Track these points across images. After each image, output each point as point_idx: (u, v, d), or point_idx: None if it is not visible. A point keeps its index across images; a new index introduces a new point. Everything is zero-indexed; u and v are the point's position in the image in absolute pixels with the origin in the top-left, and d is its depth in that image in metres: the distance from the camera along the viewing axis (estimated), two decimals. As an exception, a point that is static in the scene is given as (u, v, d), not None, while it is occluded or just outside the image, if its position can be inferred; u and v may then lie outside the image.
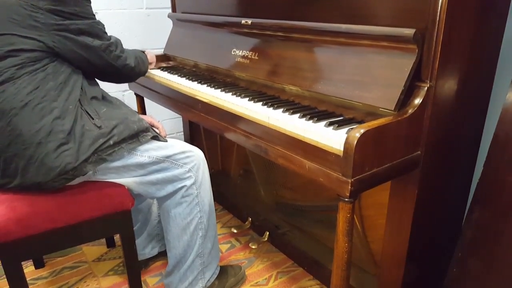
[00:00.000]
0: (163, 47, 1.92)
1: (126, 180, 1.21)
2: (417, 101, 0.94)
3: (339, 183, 0.86)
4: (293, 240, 1.61)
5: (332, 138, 0.89)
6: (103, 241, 1.76)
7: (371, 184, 0.91)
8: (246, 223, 1.79)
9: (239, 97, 1.26)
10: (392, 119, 0.90)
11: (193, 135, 2.14)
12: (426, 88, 0.94)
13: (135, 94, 1.90)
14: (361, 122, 1.00)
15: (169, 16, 1.91)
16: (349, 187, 0.84)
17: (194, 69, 1.74)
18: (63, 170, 1.03)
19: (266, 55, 1.34)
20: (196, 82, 1.48)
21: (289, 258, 1.66)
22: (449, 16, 0.88)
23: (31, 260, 1.62)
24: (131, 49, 1.37)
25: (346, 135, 0.84)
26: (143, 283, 1.48)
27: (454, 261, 1.17)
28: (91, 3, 1.13)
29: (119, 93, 2.10)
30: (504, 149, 1.05)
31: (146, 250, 1.59)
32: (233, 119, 1.19)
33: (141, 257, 1.55)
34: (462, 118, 1.09)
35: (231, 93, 1.30)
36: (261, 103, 1.19)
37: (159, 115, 2.09)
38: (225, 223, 1.94)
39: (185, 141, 2.13)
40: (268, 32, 1.34)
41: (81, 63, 1.14)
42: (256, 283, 1.54)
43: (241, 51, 1.43)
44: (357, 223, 1.26)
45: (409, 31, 0.91)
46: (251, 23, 1.38)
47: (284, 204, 1.62)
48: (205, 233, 1.33)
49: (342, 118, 1.04)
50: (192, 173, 1.25)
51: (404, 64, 0.93)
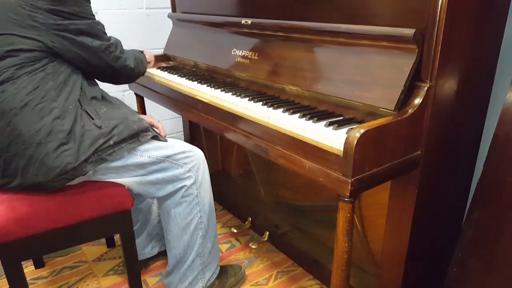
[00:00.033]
0: (163, 47, 1.92)
1: (126, 180, 1.21)
2: (417, 101, 0.94)
3: (339, 183, 0.86)
4: (293, 240, 1.61)
5: (332, 138, 0.90)
6: (103, 241, 1.76)
7: (371, 184, 0.91)
8: (246, 223, 1.79)
9: (239, 97, 1.26)
10: (392, 119, 0.90)
11: (193, 135, 2.14)
12: (426, 88, 0.94)
13: (135, 94, 1.90)
14: (361, 122, 1.00)
15: (169, 16, 1.91)
16: (349, 187, 0.84)
17: (194, 69, 1.74)
18: (63, 170, 1.03)
19: (266, 55, 1.34)
20: (196, 82, 1.48)
21: (289, 258, 1.66)
22: (449, 16, 0.88)
23: (31, 260, 1.62)
24: (130, 50, 1.36)
25: (346, 135, 0.85)
26: (143, 283, 1.48)
27: (454, 261, 1.17)
28: (90, 3, 1.13)
29: (119, 93, 2.10)
30: (504, 149, 1.05)
31: (146, 250, 1.59)
32: (233, 119, 1.19)
33: (141, 257, 1.55)
34: (462, 118, 1.09)
35: (231, 93, 1.30)
36: (261, 103, 1.19)
37: (159, 115, 2.09)
38: (225, 223, 1.94)
39: (185, 141, 2.13)
40: (268, 32, 1.34)
41: (80, 63, 1.13)
42: (256, 283, 1.54)
43: (241, 51, 1.43)
44: (357, 223, 1.26)
45: (409, 31, 0.91)
46: (251, 23, 1.38)
47: (284, 204, 1.61)
48: (205, 233, 1.33)
49: (342, 118, 1.04)
50: (192, 173, 1.25)
51: (404, 64, 0.93)
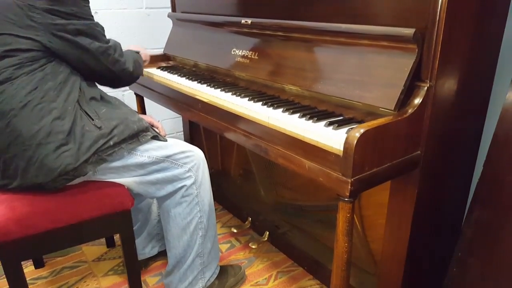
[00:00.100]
0: (163, 47, 1.92)
1: (126, 180, 1.21)
2: (417, 101, 0.94)
3: (339, 183, 0.86)
4: (293, 240, 1.61)
5: (332, 138, 0.89)
6: (103, 241, 1.76)
7: (371, 184, 0.91)
8: (246, 223, 1.79)
9: (239, 97, 1.26)
10: (392, 119, 0.90)
11: (193, 135, 2.14)
12: (426, 88, 0.94)
13: (135, 94, 1.90)
14: (361, 122, 1.00)
15: (169, 16, 1.91)
16: (349, 187, 0.84)
17: (194, 68, 1.74)
18: (63, 170, 1.03)
19: (266, 54, 1.34)
20: (196, 82, 1.48)
21: (289, 258, 1.66)
22: (449, 16, 0.88)
23: (31, 260, 1.62)
24: (126, 50, 1.34)
25: (346, 135, 0.84)
26: (143, 283, 1.48)
27: (454, 261, 1.17)
28: (89, 3, 1.12)
29: (119, 93, 2.10)
30: (504, 149, 1.05)
31: (146, 250, 1.59)
32: (233, 119, 1.19)
33: (141, 257, 1.55)
34: (462, 118, 1.09)
35: (231, 93, 1.30)
36: (261, 103, 1.19)
37: (159, 115, 2.09)
38: (225, 223, 1.94)
39: (185, 141, 2.14)
40: (268, 32, 1.34)
41: (78, 64, 1.13)
42: (256, 283, 1.54)
43: (241, 51, 1.43)
44: (357, 223, 1.26)
45: (409, 31, 0.90)
46: (251, 22, 1.38)
47: (284, 204, 1.61)
48: (205, 233, 1.33)
49: (342, 118, 1.04)
50: (192, 173, 1.25)
51: (404, 64, 0.93)
